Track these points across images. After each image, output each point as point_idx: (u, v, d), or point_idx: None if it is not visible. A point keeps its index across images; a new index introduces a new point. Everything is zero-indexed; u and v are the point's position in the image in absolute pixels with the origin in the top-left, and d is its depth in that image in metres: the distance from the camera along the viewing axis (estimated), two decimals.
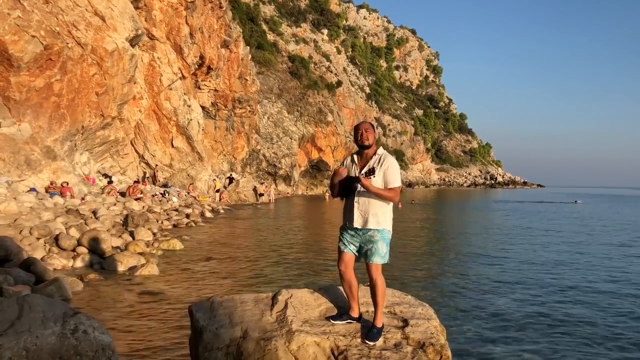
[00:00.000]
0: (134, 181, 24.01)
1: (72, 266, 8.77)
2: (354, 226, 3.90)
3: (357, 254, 3.96)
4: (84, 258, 9.06)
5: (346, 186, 3.93)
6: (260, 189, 35.69)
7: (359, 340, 3.67)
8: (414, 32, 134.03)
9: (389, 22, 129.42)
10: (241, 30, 42.89)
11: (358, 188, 3.85)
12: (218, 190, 30.30)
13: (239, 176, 36.41)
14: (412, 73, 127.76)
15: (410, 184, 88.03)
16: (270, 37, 64.90)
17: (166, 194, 23.82)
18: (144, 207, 18.33)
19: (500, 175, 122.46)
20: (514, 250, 14.24)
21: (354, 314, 3.92)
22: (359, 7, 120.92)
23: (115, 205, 16.71)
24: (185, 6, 30.04)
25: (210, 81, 35.31)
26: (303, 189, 52.82)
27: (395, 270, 9.90)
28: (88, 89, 18.72)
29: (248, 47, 43.76)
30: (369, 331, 3.71)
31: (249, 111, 40.85)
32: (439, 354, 3.61)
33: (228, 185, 33.49)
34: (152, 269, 8.72)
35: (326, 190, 46.26)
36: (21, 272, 7.08)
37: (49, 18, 16.70)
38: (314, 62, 72.13)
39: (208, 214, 20.85)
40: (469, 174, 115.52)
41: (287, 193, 45.23)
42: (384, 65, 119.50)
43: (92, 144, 21.50)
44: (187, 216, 18.46)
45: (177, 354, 4.90)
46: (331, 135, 57.19)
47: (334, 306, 4.10)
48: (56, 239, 9.65)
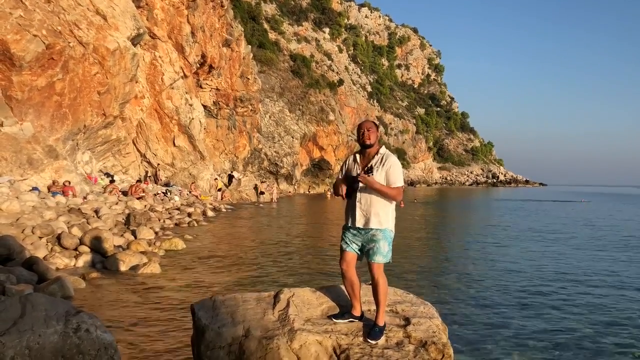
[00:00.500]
0: (136, 180, 24.06)
1: (74, 265, 8.79)
2: (356, 225, 3.90)
3: (359, 253, 3.97)
4: (86, 257, 9.09)
5: (348, 186, 3.93)
6: (262, 187, 35.67)
7: (361, 339, 3.68)
8: (415, 30, 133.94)
9: (390, 20, 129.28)
10: (243, 29, 42.85)
11: (359, 186, 3.84)
12: (220, 189, 30.33)
13: (241, 175, 36.40)
14: (413, 72, 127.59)
15: (412, 183, 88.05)
16: (272, 35, 64.85)
17: (168, 193, 23.86)
18: (145, 206, 18.37)
19: (502, 173, 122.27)
20: (517, 249, 14.21)
21: (356, 312, 3.93)
22: (361, 6, 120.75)
23: (117, 204, 16.75)
24: (186, 5, 30.03)
25: (211, 80, 35.31)
26: (305, 188, 52.83)
27: (397, 268, 9.89)
28: (90, 88, 18.74)
29: (250, 46, 43.75)
30: (371, 330, 3.72)
31: (251, 110, 40.85)
32: (441, 352, 3.61)
33: (228, 183, 33.49)
34: (154, 268, 8.74)
35: (328, 189, 46.25)
36: (23, 271, 7.10)
37: (50, 17, 16.71)
38: (315, 61, 72.02)
39: (210, 213, 20.86)
40: (471, 172, 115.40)
41: (289, 192, 45.23)
42: (386, 63, 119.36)
43: (94, 143, 21.52)
44: (189, 215, 18.48)
45: (179, 353, 4.91)
46: (333, 134, 57.14)
47: (336, 305, 4.10)
48: (58, 238, 9.67)
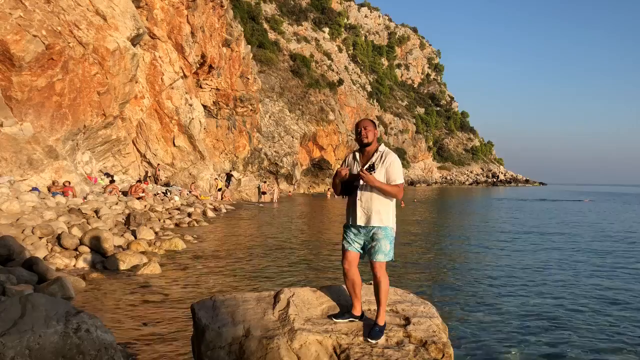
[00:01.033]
0: (136, 180, 24.06)
1: (74, 265, 8.80)
2: (357, 224, 3.89)
3: (361, 252, 3.96)
4: (86, 257, 9.08)
5: (348, 184, 3.92)
6: (263, 188, 35.72)
7: (361, 338, 3.67)
8: (415, 30, 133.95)
9: (390, 20, 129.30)
10: (242, 29, 42.88)
11: (360, 184, 3.84)
12: (220, 189, 30.33)
13: (240, 175, 36.39)
14: (413, 71, 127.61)
15: (412, 182, 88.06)
16: (272, 35, 64.86)
17: (168, 193, 23.85)
18: (145, 206, 18.36)
19: (502, 173, 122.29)
20: (518, 249, 14.20)
21: (356, 312, 3.92)
22: (360, 6, 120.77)
23: (117, 204, 16.74)
24: (186, 5, 30.05)
25: (211, 80, 35.34)
26: (305, 188, 52.83)
27: (397, 268, 9.89)
28: (90, 88, 18.74)
29: (249, 46, 43.77)
30: (371, 329, 3.71)
31: (251, 110, 40.86)
32: (441, 352, 3.60)
33: (227, 183, 33.48)
34: (155, 268, 8.73)
35: (329, 189, 46.24)
36: (24, 272, 7.10)
37: (50, 17, 16.71)
38: (315, 61, 72.02)
39: (210, 213, 20.84)
40: (471, 172, 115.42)
41: (289, 192, 45.24)
42: (386, 63, 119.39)
43: (93, 143, 21.53)
44: (189, 215, 18.46)
45: (179, 353, 4.90)
46: (333, 133, 57.14)
47: (336, 304, 4.10)
48: (58, 238, 9.67)
